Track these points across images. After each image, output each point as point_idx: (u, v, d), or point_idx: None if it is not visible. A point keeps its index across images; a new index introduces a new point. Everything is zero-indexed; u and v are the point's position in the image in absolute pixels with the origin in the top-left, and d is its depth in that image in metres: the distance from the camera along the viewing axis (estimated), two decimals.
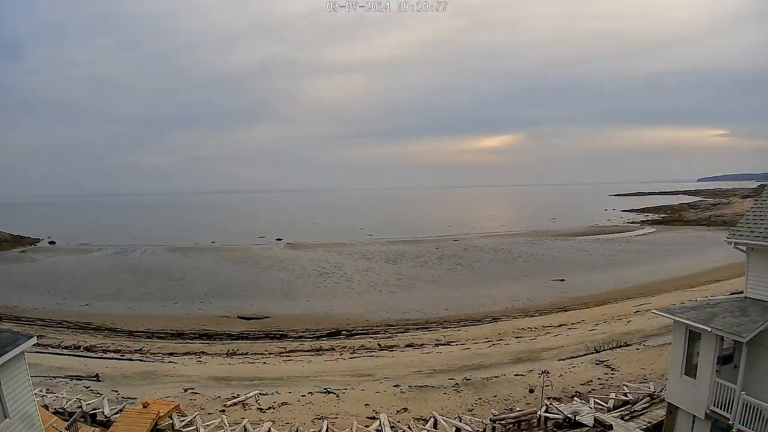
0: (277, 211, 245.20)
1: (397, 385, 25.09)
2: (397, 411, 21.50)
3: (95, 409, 20.02)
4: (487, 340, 36.40)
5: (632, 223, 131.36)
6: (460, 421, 18.97)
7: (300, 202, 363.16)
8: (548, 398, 20.74)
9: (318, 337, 40.46)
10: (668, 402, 15.71)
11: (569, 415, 18.48)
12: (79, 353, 34.47)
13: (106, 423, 18.67)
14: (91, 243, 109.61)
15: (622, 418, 17.65)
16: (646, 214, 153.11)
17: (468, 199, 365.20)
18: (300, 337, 40.82)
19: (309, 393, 24.13)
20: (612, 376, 24.36)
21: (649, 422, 17.25)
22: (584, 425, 17.80)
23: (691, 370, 14.53)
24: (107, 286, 62.83)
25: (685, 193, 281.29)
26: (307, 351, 35.85)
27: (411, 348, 35.54)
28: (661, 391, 19.16)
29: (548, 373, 23.09)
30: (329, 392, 24.30)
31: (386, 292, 57.65)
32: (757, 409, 12.51)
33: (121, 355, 34.25)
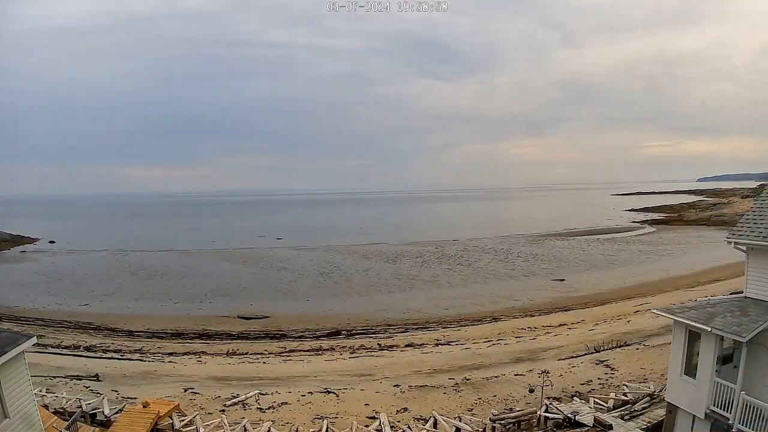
0: None
1: (397, 385, 25.09)
2: (397, 411, 21.50)
3: (95, 409, 20.02)
4: (487, 340, 36.39)
5: (632, 222, 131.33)
6: (460, 421, 18.98)
7: None
8: (548, 398, 20.74)
9: (318, 337, 40.46)
10: (668, 402, 15.71)
11: (569, 415, 18.48)
12: (79, 353, 34.45)
13: (106, 423, 18.68)
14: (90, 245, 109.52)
15: (622, 418, 17.65)
16: (646, 214, 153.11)
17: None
18: (300, 336, 40.82)
19: (309, 393, 24.13)
20: (612, 375, 24.37)
21: (649, 422, 17.25)
22: (584, 425, 17.81)
23: (691, 369, 14.54)
24: (107, 286, 62.85)
25: (685, 192, 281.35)
26: (307, 351, 35.84)
27: (411, 348, 35.54)
28: (661, 390, 19.16)
29: (548, 372, 23.11)
30: (329, 392, 24.30)
31: (386, 292, 57.66)
32: (757, 409, 12.51)
33: (121, 355, 34.24)
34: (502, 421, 18.59)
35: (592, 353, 28.92)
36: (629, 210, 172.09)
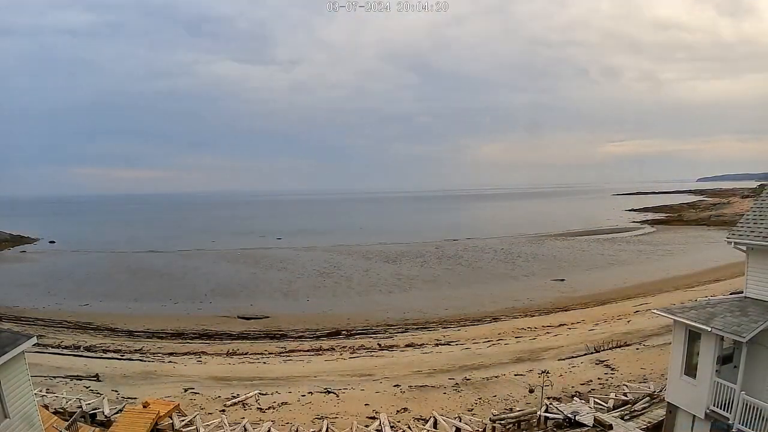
0: None
1: (397, 385, 25.10)
2: (397, 411, 21.51)
3: (95, 409, 20.04)
4: (487, 340, 36.39)
5: (632, 222, 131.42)
6: (460, 421, 19.00)
7: None
8: (548, 398, 20.75)
9: (318, 337, 40.46)
10: (668, 402, 15.72)
11: (569, 415, 18.50)
12: (79, 353, 34.46)
13: (106, 423, 18.69)
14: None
15: (622, 418, 17.66)
16: (645, 214, 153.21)
17: None
18: (300, 337, 40.82)
19: (309, 393, 24.14)
20: (612, 375, 24.38)
21: (649, 422, 17.27)
22: (584, 425, 17.82)
23: (691, 369, 14.54)
24: (107, 286, 62.85)
25: (685, 192, 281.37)
26: (307, 351, 35.84)
27: (411, 348, 35.54)
28: (660, 390, 19.17)
29: (548, 372, 23.12)
30: (329, 392, 24.31)
31: (386, 292, 57.66)
32: (757, 409, 12.51)
33: (121, 355, 34.24)
34: (502, 421, 18.61)
35: (592, 353, 28.93)
36: (629, 210, 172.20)
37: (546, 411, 19.16)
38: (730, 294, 29.69)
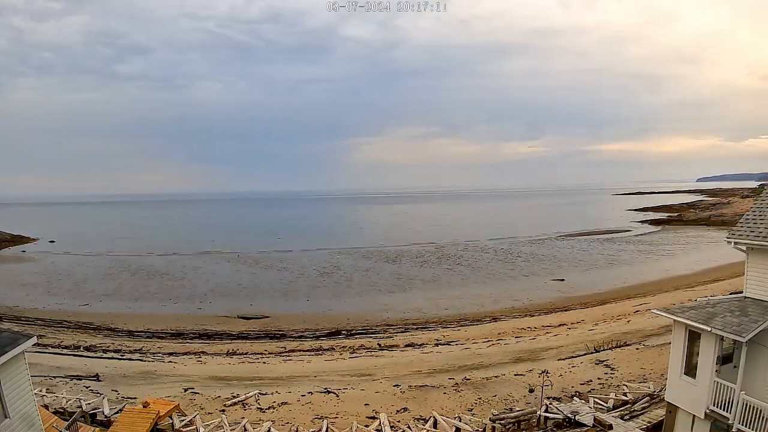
0: None
1: (397, 385, 25.11)
2: (397, 411, 21.51)
3: (95, 408, 20.05)
4: (487, 340, 36.40)
5: (632, 222, 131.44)
6: (459, 421, 18.99)
7: None
8: (548, 398, 20.76)
9: (318, 337, 40.47)
10: (668, 402, 15.72)
11: (569, 415, 18.50)
12: (79, 353, 34.46)
13: (106, 423, 18.70)
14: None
15: (621, 418, 17.67)
16: (645, 214, 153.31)
17: None
18: (300, 336, 40.84)
19: (309, 393, 24.15)
20: (612, 375, 24.39)
21: (649, 422, 17.28)
22: (584, 425, 17.83)
23: (690, 369, 14.55)
24: (107, 286, 62.84)
25: (684, 192, 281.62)
26: (307, 351, 35.85)
27: (411, 348, 35.55)
28: (660, 390, 19.18)
29: (548, 372, 23.12)
30: (329, 392, 24.32)
31: (386, 292, 57.65)
32: (757, 409, 12.52)
33: (121, 355, 34.25)
34: (502, 421, 18.60)
35: (592, 353, 28.93)
36: (629, 210, 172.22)
37: (546, 411, 19.16)
38: (730, 294, 29.69)
